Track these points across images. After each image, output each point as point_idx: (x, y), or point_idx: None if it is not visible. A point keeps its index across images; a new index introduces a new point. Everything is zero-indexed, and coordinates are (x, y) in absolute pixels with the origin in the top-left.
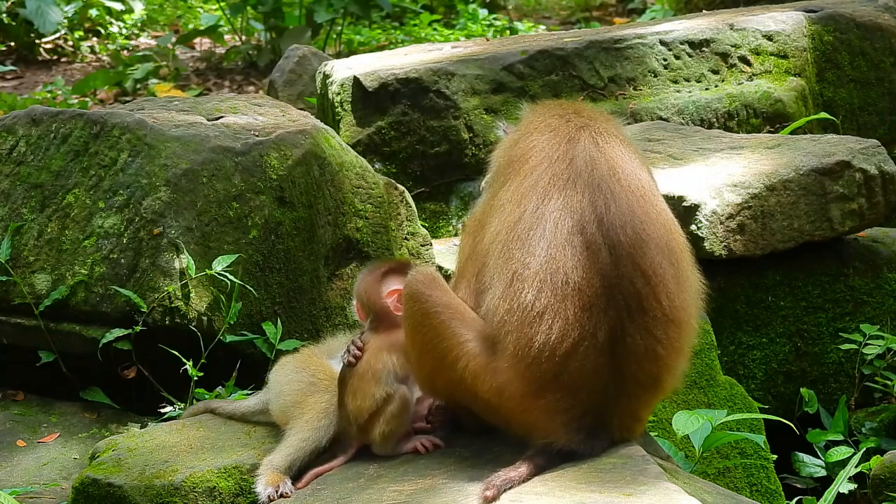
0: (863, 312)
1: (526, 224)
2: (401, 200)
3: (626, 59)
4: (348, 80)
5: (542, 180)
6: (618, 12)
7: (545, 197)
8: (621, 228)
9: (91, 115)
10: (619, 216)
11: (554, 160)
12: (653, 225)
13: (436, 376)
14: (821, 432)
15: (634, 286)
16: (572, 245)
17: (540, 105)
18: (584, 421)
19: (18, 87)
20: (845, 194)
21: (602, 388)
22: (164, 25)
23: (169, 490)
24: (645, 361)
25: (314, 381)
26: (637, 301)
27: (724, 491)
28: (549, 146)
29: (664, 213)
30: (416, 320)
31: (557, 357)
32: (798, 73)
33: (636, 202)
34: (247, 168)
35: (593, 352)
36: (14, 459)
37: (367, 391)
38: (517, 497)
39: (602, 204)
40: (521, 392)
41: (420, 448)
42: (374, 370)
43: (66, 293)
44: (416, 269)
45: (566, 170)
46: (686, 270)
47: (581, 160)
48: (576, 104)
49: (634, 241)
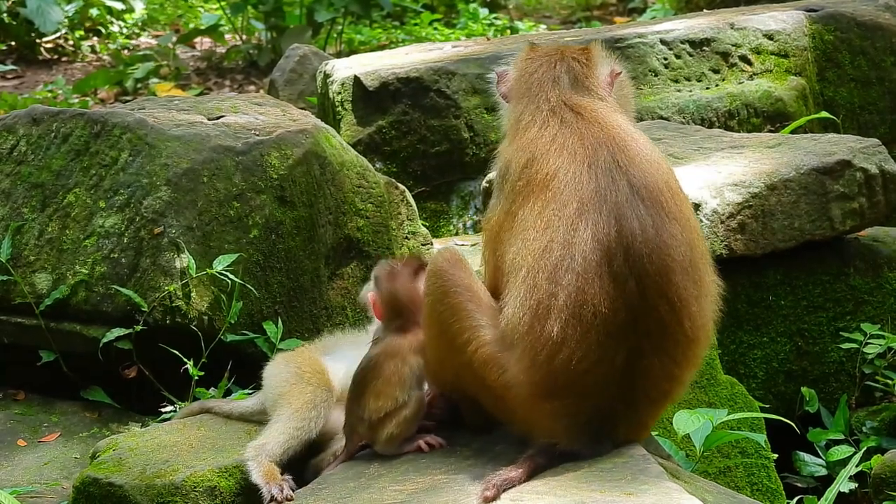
0: (863, 311)
1: (554, 255)
2: (401, 200)
3: (626, 59)
4: (349, 80)
5: (568, 209)
6: (618, 11)
7: (572, 227)
8: (648, 258)
9: (92, 114)
10: (645, 245)
11: (577, 187)
12: (678, 247)
13: (445, 359)
14: (821, 431)
15: (659, 313)
16: (601, 277)
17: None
18: (589, 426)
19: (19, 87)
20: (846, 193)
21: (612, 399)
22: (165, 25)
23: (169, 489)
24: (660, 380)
25: (299, 374)
26: (660, 327)
27: (725, 490)
28: (569, 172)
29: (688, 224)
30: (436, 297)
31: (573, 373)
32: (799, 72)
33: (661, 222)
34: (247, 167)
35: (609, 371)
36: (15, 459)
37: (392, 394)
38: (518, 496)
39: (629, 233)
40: (529, 392)
41: (424, 447)
42: (401, 374)
43: (66, 293)
44: (443, 248)
45: (591, 198)
46: (706, 283)
47: (604, 184)
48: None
49: (661, 269)
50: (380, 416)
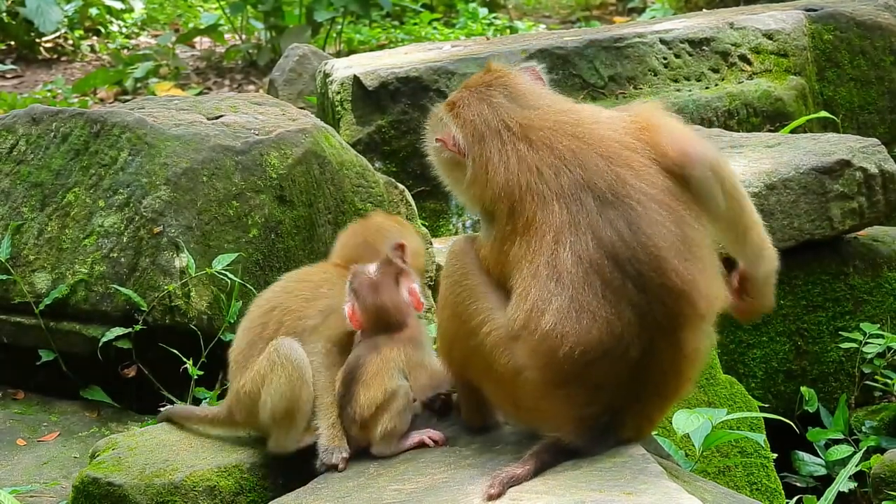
0: (863, 311)
1: (543, 273)
2: (401, 199)
3: (626, 58)
4: (348, 79)
5: (547, 238)
6: (618, 11)
7: (553, 253)
8: (635, 258)
9: (91, 113)
10: (627, 247)
11: (551, 224)
12: (661, 230)
13: (456, 340)
14: (821, 431)
15: (665, 305)
16: (590, 286)
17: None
18: (599, 419)
19: (19, 86)
20: (845, 193)
21: (623, 392)
22: (165, 24)
23: (169, 489)
24: (670, 376)
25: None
26: (670, 316)
27: (725, 490)
28: (544, 213)
29: (661, 195)
30: (455, 279)
31: (583, 363)
32: (798, 71)
33: (634, 216)
34: (247, 167)
35: (622, 365)
36: (14, 458)
37: (381, 383)
38: (517, 496)
39: (608, 243)
40: (539, 378)
41: (428, 441)
42: (387, 366)
43: (66, 292)
44: (462, 236)
45: (566, 226)
46: (705, 253)
47: (574, 210)
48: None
49: (653, 262)
50: (371, 412)
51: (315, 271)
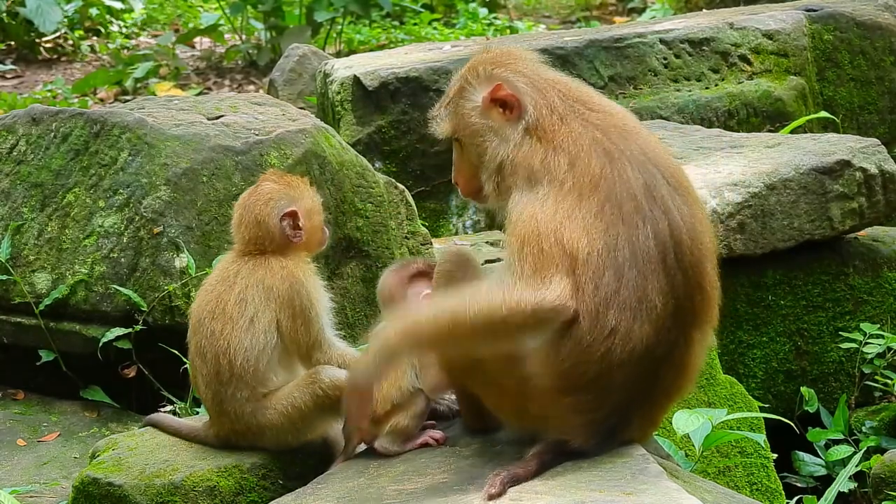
0: (863, 311)
1: (620, 253)
2: (401, 199)
3: (626, 58)
4: (348, 79)
5: (625, 208)
6: (618, 11)
7: (633, 226)
8: (689, 249)
9: (91, 114)
10: (688, 236)
11: (626, 186)
12: (707, 233)
13: None
14: (821, 431)
15: (694, 302)
16: (656, 274)
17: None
18: (606, 423)
19: (18, 86)
20: (845, 193)
21: (635, 392)
22: (165, 24)
23: (169, 489)
24: (680, 375)
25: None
26: (693, 317)
27: (725, 490)
28: (614, 171)
29: (703, 209)
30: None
31: (610, 365)
32: (798, 71)
33: (693, 210)
34: (247, 167)
35: (647, 363)
36: (14, 458)
37: (395, 382)
38: (517, 496)
39: (677, 227)
40: (548, 385)
41: (431, 441)
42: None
43: (66, 292)
44: (454, 248)
45: (643, 195)
46: (715, 269)
47: (647, 180)
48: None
49: (699, 259)
50: (386, 409)
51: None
